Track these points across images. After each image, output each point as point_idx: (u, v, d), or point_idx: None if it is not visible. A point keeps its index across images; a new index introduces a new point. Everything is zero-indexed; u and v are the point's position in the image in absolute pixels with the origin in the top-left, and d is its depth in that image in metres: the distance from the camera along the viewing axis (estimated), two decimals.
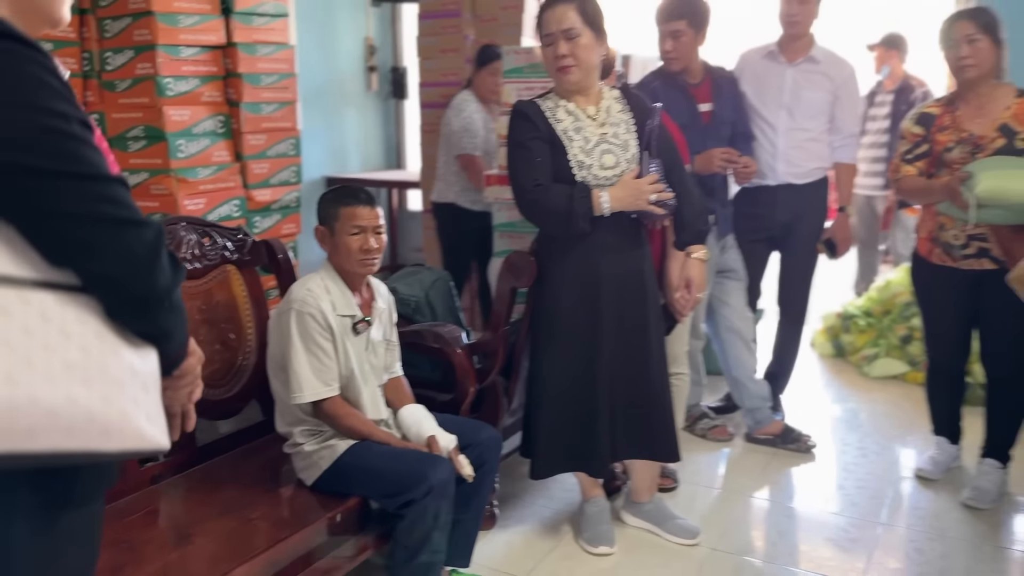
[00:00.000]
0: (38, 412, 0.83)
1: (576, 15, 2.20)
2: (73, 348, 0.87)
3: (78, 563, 1.03)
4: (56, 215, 0.88)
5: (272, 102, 3.33)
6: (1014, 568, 2.44)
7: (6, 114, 0.86)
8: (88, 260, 0.90)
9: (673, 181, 2.32)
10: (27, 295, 0.86)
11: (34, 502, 0.95)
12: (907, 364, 3.92)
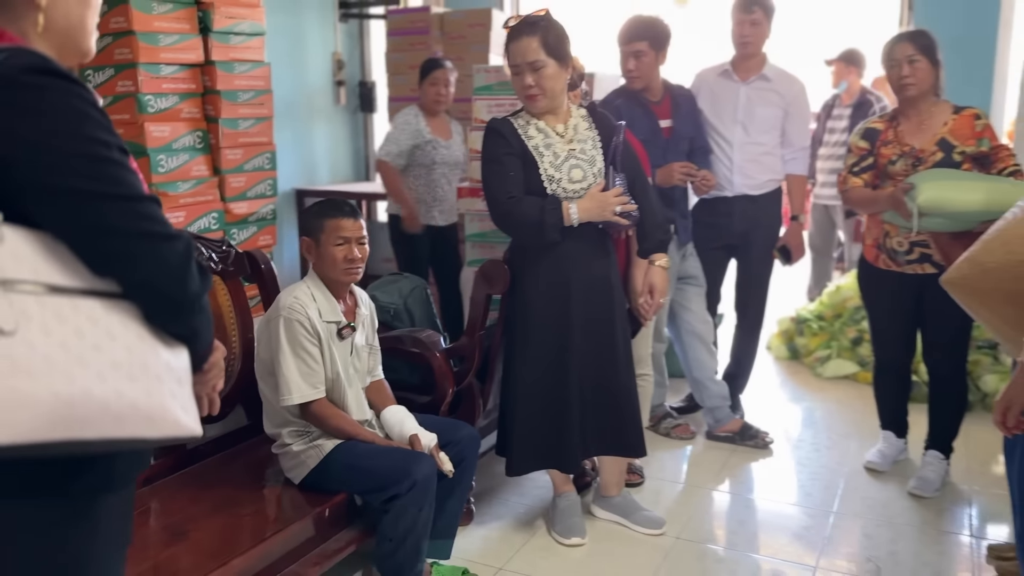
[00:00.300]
0: (92, 405, 0.94)
1: (540, 47, 2.34)
2: (118, 348, 0.99)
3: (116, 541, 1.15)
4: (100, 231, 1.00)
5: (249, 118, 3.44)
6: (956, 550, 2.63)
7: (56, 143, 0.98)
8: (128, 270, 1.02)
9: (636, 194, 2.48)
10: (77, 302, 0.97)
11: (79, 487, 1.06)
12: (857, 364, 4.13)
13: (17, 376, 0.89)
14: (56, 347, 0.92)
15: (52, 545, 1.06)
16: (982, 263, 1.96)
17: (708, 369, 3.40)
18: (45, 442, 0.91)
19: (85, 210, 0.99)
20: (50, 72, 0.99)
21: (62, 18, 1.09)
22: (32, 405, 0.89)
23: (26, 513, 1.03)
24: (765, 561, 2.58)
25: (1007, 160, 2.75)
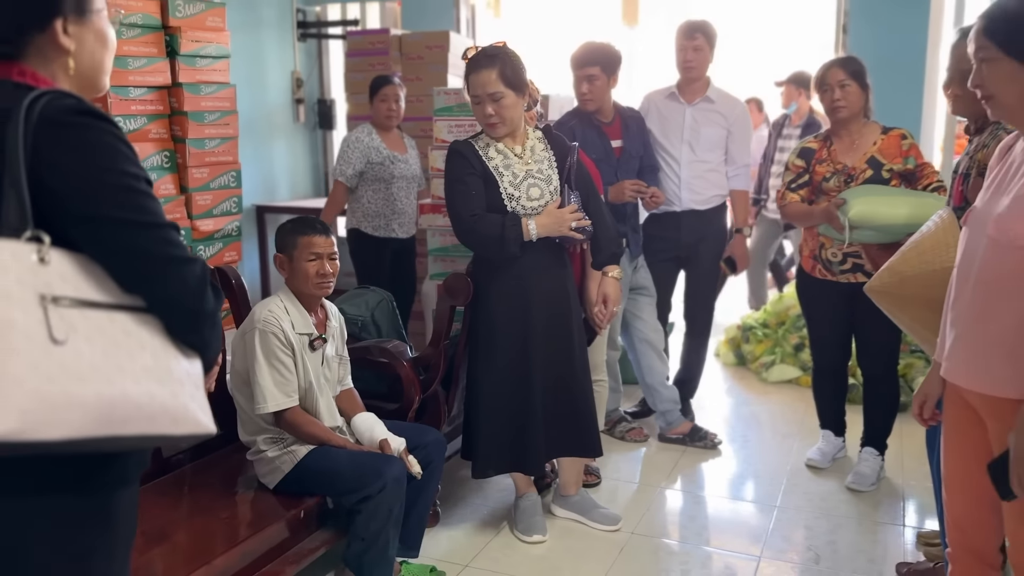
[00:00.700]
0: (129, 405, 1.07)
1: (498, 79, 2.50)
2: (147, 356, 1.11)
3: (127, 532, 1.26)
4: (132, 254, 1.13)
5: (215, 138, 3.54)
6: (889, 539, 2.83)
7: (92, 176, 1.11)
8: (154, 288, 1.14)
9: (590, 210, 2.65)
10: (112, 316, 1.10)
11: (101, 481, 1.19)
12: (800, 369, 4.37)
13: (69, 380, 1.01)
14: (99, 355, 1.05)
15: (75, 535, 1.17)
16: (901, 272, 2.17)
17: (659, 375, 3.58)
18: (92, 438, 1.03)
19: (119, 235, 1.12)
20: (90, 113, 1.12)
21: (87, 61, 1.22)
22: (82, 406, 1.02)
23: (53, 506, 1.15)
24: (714, 552, 2.76)
25: (931, 176, 2.99)
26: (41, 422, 0.97)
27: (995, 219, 1.61)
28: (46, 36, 1.17)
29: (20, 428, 0.96)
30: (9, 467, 1.09)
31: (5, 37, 1.16)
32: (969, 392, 1.71)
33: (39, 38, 1.17)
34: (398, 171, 4.03)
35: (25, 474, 1.12)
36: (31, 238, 1.04)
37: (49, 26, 1.17)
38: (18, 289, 0.99)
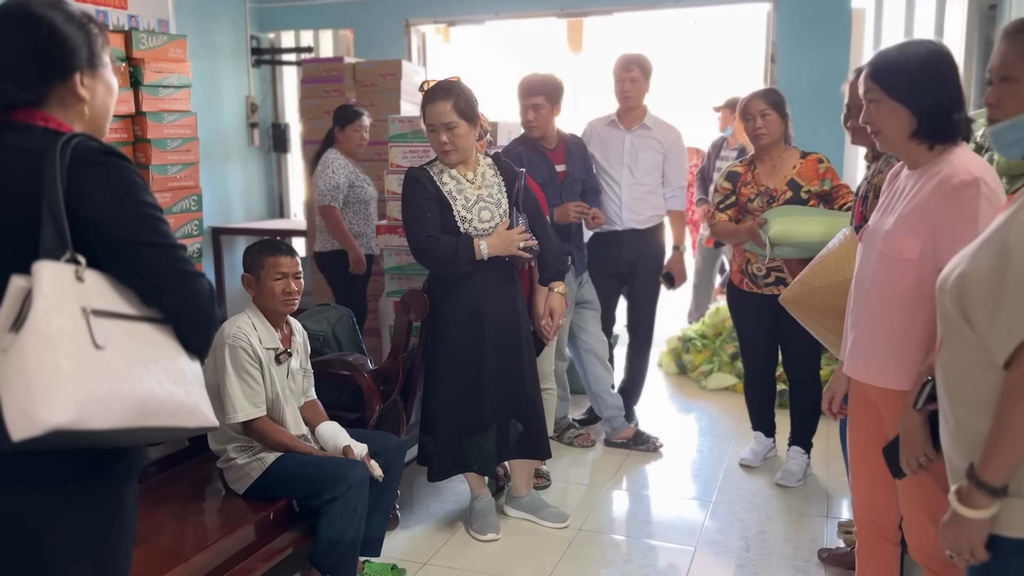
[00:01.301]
0: (156, 401, 1.25)
1: (452, 110, 2.72)
2: (165, 360, 1.30)
3: (133, 517, 1.44)
4: (152, 271, 1.31)
5: (177, 163, 3.69)
6: (814, 529, 3.09)
7: (118, 206, 1.29)
8: (171, 299, 1.33)
9: (537, 231, 2.88)
10: (136, 325, 1.28)
11: (114, 472, 1.36)
12: (736, 377, 4.65)
13: (111, 380, 1.19)
14: (130, 358, 1.23)
15: (93, 519, 1.36)
16: (810, 284, 2.44)
17: (604, 383, 3.81)
18: (128, 428, 1.21)
19: (141, 255, 1.30)
20: (114, 153, 1.32)
21: (98, 107, 1.41)
22: (121, 400, 1.20)
23: (75, 493, 1.33)
24: (655, 544, 2.98)
25: (846, 196, 3.29)
26: (92, 413, 1.16)
27: (883, 236, 1.87)
28: (66, 86, 1.36)
29: (77, 418, 1.14)
30: (42, 459, 1.27)
31: (33, 88, 1.34)
32: (868, 386, 1.96)
33: (60, 88, 1.35)
34: (370, 193, 4.27)
35: (54, 465, 1.29)
36: (69, 259, 1.22)
37: (70, 78, 1.35)
38: (65, 303, 1.18)
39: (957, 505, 1.40)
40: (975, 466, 1.38)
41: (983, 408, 1.37)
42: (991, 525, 1.38)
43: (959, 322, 1.41)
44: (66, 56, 1.35)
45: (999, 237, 1.37)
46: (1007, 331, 1.31)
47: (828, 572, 2.76)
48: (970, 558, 1.41)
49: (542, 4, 5.81)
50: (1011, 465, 1.34)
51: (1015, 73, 1.42)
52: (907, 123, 1.79)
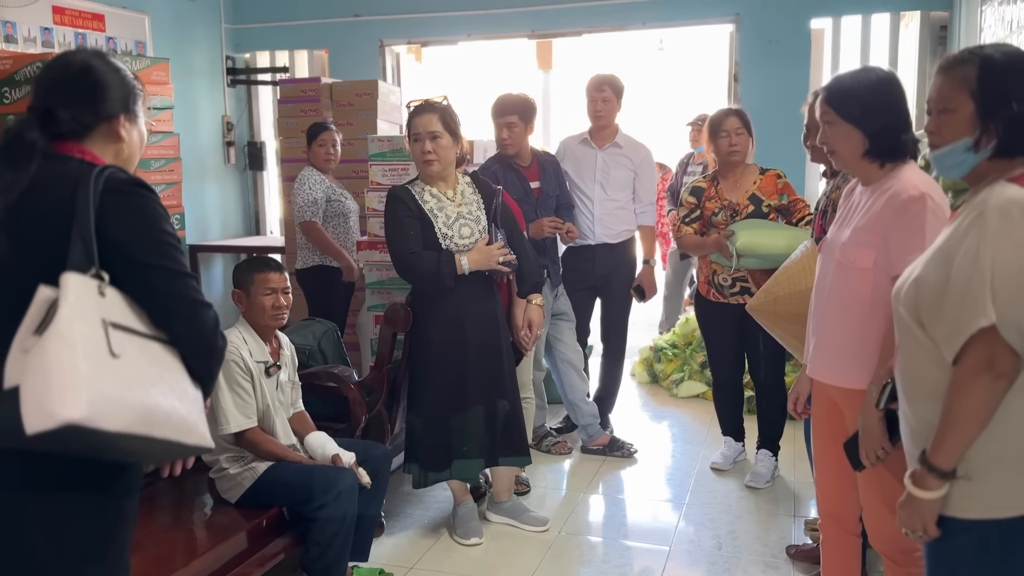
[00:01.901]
0: (161, 413, 1.34)
1: (438, 121, 2.86)
2: (171, 377, 1.39)
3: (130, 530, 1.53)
4: (165, 294, 1.41)
5: (160, 183, 3.77)
6: (782, 527, 3.23)
7: (142, 232, 1.40)
8: (180, 324, 1.43)
9: (514, 245, 3.01)
10: (146, 342, 1.37)
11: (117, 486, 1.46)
12: (706, 384, 4.81)
13: (123, 386, 1.29)
14: (140, 371, 1.33)
15: (99, 528, 1.45)
16: (774, 293, 2.59)
17: (580, 392, 3.94)
18: (134, 434, 1.30)
19: (159, 279, 1.41)
20: (142, 185, 1.43)
21: (133, 150, 1.56)
22: (130, 407, 1.29)
23: (83, 503, 1.43)
24: (631, 545, 3.11)
25: (803, 210, 3.47)
26: (103, 414, 1.25)
27: (840, 247, 2.03)
28: (111, 126, 1.50)
29: (89, 416, 1.23)
30: (54, 467, 1.37)
31: (86, 123, 1.47)
32: (829, 386, 2.11)
33: (105, 126, 1.49)
34: (349, 206, 4.31)
35: (66, 475, 1.39)
36: (94, 275, 1.32)
37: (115, 119, 1.50)
38: (87, 312, 1.28)
39: (911, 487, 1.55)
40: (926, 451, 1.53)
41: (935, 398, 1.52)
42: (941, 505, 1.53)
43: (913, 327, 1.56)
44: (114, 100, 1.50)
45: (944, 250, 1.53)
46: (954, 332, 1.46)
47: (796, 567, 2.90)
48: (923, 534, 1.56)
49: (514, 25, 5.97)
50: (958, 450, 1.49)
51: (952, 105, 1.55)
52: (860, 143, 1.95)
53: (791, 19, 5.42)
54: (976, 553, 1.53)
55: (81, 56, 1.53)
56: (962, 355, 1.46)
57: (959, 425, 1.47)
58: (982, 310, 1.41)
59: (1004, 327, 1.41)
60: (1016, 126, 1.50)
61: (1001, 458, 1.48)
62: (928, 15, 5.39)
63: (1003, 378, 1.44)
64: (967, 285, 1.44)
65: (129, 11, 5.36)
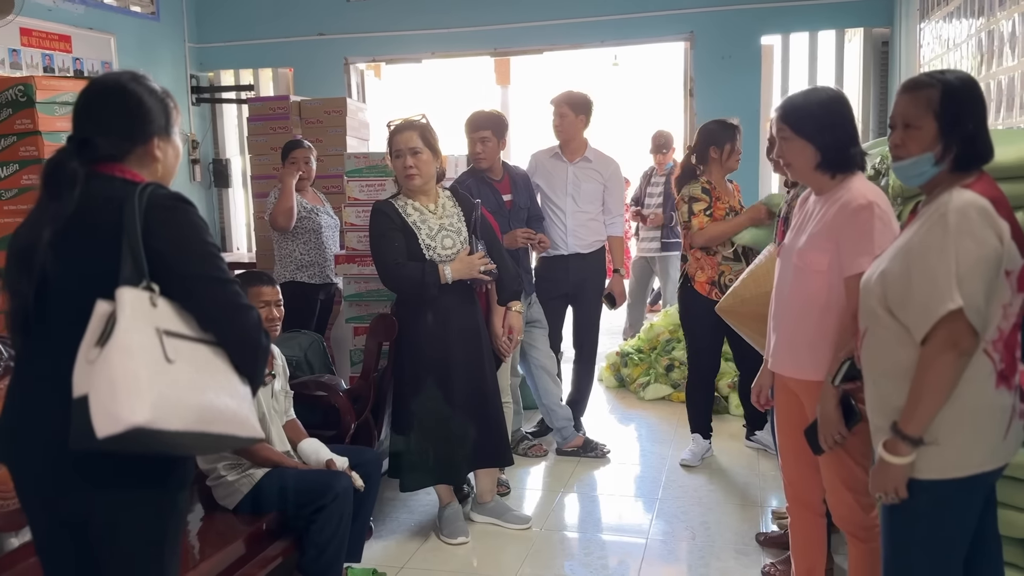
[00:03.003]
0: (215, 410, 1.46)
1: (418, 138, 3.00)
2: (222, 377, 1.51)
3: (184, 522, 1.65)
4: (212, 301, 1.53)
5: None
6: (753, 517, 3.41)
7: (187, 244, 1.52)
8: (226, 327, 1.54)
9: (494, 255, 3.16)
10: (197, 346, 1.49)
11: (173, 480, 1.57)
12: (671, 387, 5.01)
13: (180, 388, 1.41)
14: (194, 373, 1.45)
15: (157, 520, 1.57)
16: (741, 295, 2.79)
17: (554, 396, 4.10)
18: (194, 432, 1.42)
19: (205, 287, 1.53)
20: (183, 200, 1.55)
21: (169, 167, 1.67)
22: (188, 407, 1.41)
23: (144, 497, 1.54)
24: (610, 539, 3.27)
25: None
26: (164, 416, 1.37)
27: (797, 252, 2.22)
28: (146, 148, 1.61)
29: (153, 418, 1.35)
30: (119, 465, 1.48)
31: (119, 146, 1.58)
32: (789, 379, 2.30)
33: (140, 149, 1.60)
34: (323, 221, 4.38)
35: (129, 472, 1.51)
36: (145, 287, 1.44)
37: (149, 141, 1.60)
38: (143, 323, 1.40)
39: (884, 454, 1.75)
40: (898, 422, 1.73)
41: (902, 379, 1.73)
42: (910, 470, 1.72)
43: (882, 313, 1.78)
44: (148, 123, 1.60)
45: (909, 246, 1.75)
46: (924, 315, 1.68)
47: (765, 553, 3.08)
48: (894, 497, 1.75)
49: (476, 43, 6.15)
50: (926, 419, 1.70)
51: (916, 122, 1.77)
52: (812, 157, 2.15)
53: (742, 36, 5.69)
54: (935, 508, 1.74)
55: (116, 80, 1.61)
56: (930, 335, 1.68)
57: (928, 396, 1.69)
58: (949, 295, 1.64)
59: (968, 310, 1.65)
60: (970, 143, 1.74)
61: (960, 424, 1.71)
62: (871, 32, 5.72)
63: (966, 355, 1.68)
64: (935, 275, 1.65)
65: (95, 32, 5.41)
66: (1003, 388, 1.72)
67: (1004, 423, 1.73)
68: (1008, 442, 1.75)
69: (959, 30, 3.68)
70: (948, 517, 1.75)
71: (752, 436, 4.14)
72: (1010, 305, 1.70)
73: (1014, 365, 1.74)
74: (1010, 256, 1.68)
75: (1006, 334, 1.71)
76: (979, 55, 3.31)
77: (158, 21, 6.05)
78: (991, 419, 1.72)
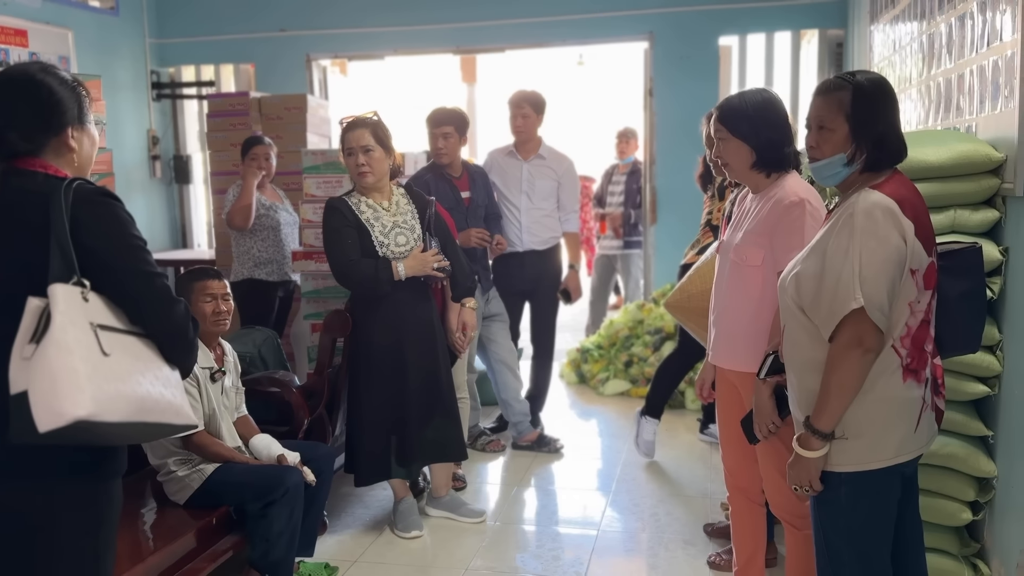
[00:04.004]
0: (151, 400, 1.49)
1: (370, 136, 3.03)
2: (155, 366, 1.54)
3: (119, 512, 1.66)
4: (139, 294, 1.55)
5: None
6: (701, 508, 3.49)
7: (116, 238, 1.53)
8: (154, 319, 1.57)
9: (448, 252, 3.19)
10: (128, 338, 1.51)
11: (106, 469, 1.59)
12: (630, 383, 5.08)
13: (117, 381, 1.43)
14: (129, 365, 1.47)
15: (91, 509, 1.58)
16: (688, 291, 2.85)
17: (514, 391, 4.15)
18: (132, 422, 1.44)
19: (132, 281, 1.55)
20: (109, 194, 1.57)
21: (85, 157, 1.67)
22: (126, 398, 1.43)
23: (77, 486, 1.56)
24: (562, 530, 3.32)
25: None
26: (105, 409, 1.40)
27: (734, 248, 2.29)
28: (60, 139, 1.60)
29: (95, 411, 1.38)
30: (52, 455, 1.50)
31: (33, 139, 1.58)
32: (728, 371, 2.37)
33: (55, 140, 1.60)
34: (282, 219, 4.35)
35: (63, 462, 1.53)
36: (76, 282, 1.45)
37: (63, 132, 1.60)
38: (77, 318, 1.41)
39: (798, 448, 1.82)
40: (810, 417, 1.79)
41: (815, 372, 1.79)
42: (823, 463, 1.79)
43: (796, 311, 1.83)
44: (61, 113, 1.59)
45: (820, 246, 1.80)
46: (830, 314, 1.74)
47: (713, 543, 3.16)
48: (809, 489, 1.82)
49: (438, 41, 6.16)
50: (836, 415, 1.77)
51: (830, 124, 1.82)
52: (748, 156, 2.21)
53: (700, 37, 5.77)
54: (855, 499, 1.81)
55: (24, 72, 1.60)
56: (836, 334, 1.74)
57: (836, 393, 1.75)
58: (852, 295, 1.70)
59: (871, 309, 1.70)
60: (880, 144, 1.79)
61: (870, 418, 1.77)
62: (825, 33, 5.82)
63: (871, 352, 1.73)
64: (840, 275, 1.72)
65: (52, 26, 5.34)
66: (911, 381, 1.78)
67: (914, 415, 1.80)
68: (919, 434, 1.82)
69: (904, 33, 3.78)
70: (866, 507, 1.81)
71: (706, 430, 4.22)
72: (917, 302, 1.76)
73: (923, 359, 1.80)
74: (915, 255, 1.73)
75: (914, 330, 1.77)
76: (921, 58, 3.41)
77: (117, 16, 5.99)
78: (900, 412, 1.79)
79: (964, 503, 2.50)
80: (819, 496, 1.84)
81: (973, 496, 2.48)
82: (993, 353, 2.43)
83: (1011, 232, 2.42)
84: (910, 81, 3.62)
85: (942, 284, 1.84)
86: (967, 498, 2.48)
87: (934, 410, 1.87)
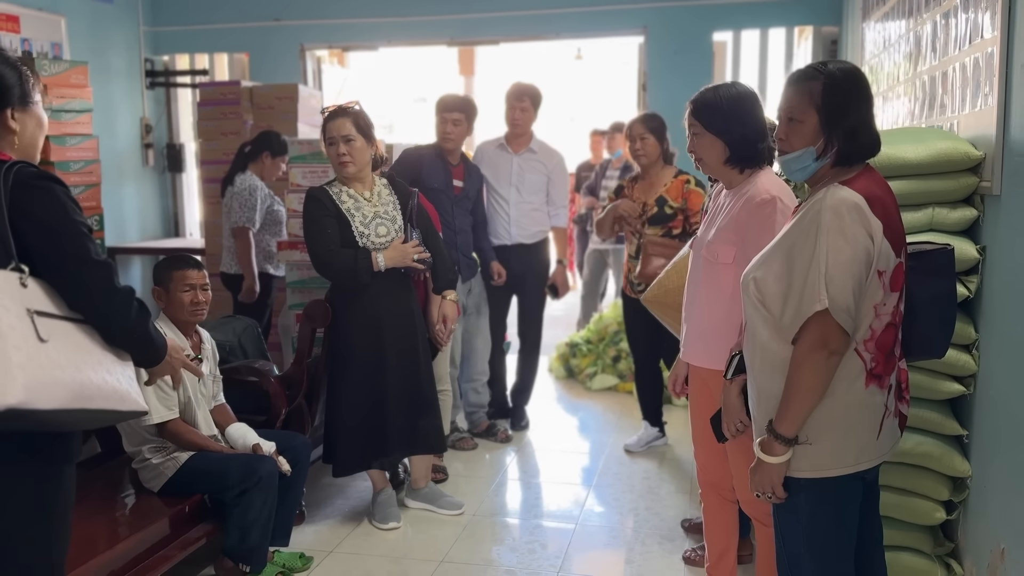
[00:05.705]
0: (92, 387, 1.48)
1: (352, 125, 3.01)
2: (97, 353, 1.53)
3: (71, 497, 1.66)
4: (77, 281, 1.54)
5: (79, 185, 3.81)
6: (679, 504, 3.48)
7: (54, 223, 1.52)
8: (90, 306, 1.56)
9: (429, 244, 3.18)
10: (68, 324, 1.51)
11: (57, 454, 1.58)
12: (617, 377, 5.07)
13: (54, 368, 1.42)
14: (69, 351, 1.46)
15: (40, 492, 1.58)
16: (665, 286, 2.84)
17: (479, 380, 4.17)
18: (70, 409, 1.44)
19: (70, 267, 1.54)
20: (48, 178, 1.55)
21: (27, 139, 1.64)
22: (63, 385, 1.43)
23: (25, 471, 1.55)
24: (542, 524, 3.32)
25: (693, 216, 3.70)
26: (39, 397, 1.39)
27: (707, 245, 2.28)
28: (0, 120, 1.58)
29: (26, 399, 1.37)
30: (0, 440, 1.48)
31: None
32: (700, 368, 2.36)
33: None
34: (282, 215, 4.37)
35: (10, 447, 1.52)
36: (14, 268, 1.45)
37: (2, 113, 1.58)
38: (12, 304, 1.41)
39: (760, 453, 1.78)
40: (772, 421, 1.76)
41: (778, 374, 1.76)
42: (786, 469, 1.76)
43: (760, 309, 1.79)
44: (1, 94, 1.57)
45: (785, 242, 1.77)
46: (795, 315, 1.71)
47: (689, 539, 3.15)
48: (772, 496, 1.79)
49: (433, 32, 6.14)
50: (800, 419, 1.73)
51: (799, 116, 1.76)
52: (722, 152, 2.20)
53: (695, 32, 5.75)
54: (814, 506, 1.78)
55: None
56: (801, 335, 1.70)
57: (799, 397, 1.71)
58: (817, 296, 1.66)
59: (836, 310, 1.66)
60: (852, 137, 1.74)
61: (832, 425, 1.74)
62: (820, 30, 5.80)
63: (836, 355, 1.69)
64: (806, 274, 1.68)
65: (45, 13, 5.33)
66: (874, 387, 1.73)
67: (876, 422, 1.76)
68: (881, 441, 1.78)
69: (893, 30, 3.76)
70: (827, 513, 1.77)
71: None
72: (883, 305, 1.71)
73: (887, 364, 1.75)
74: (883, 255, 1.68)
75: (878, 334, 1.71)
76: (908, 55, 3.39)
77: (111, 3, 5.97)
78: (862, 418, 1.74)
79: (938, 502, 2.49)
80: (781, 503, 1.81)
81: (947, 495, 2.47)
82: (969, 352, 2.42)
83: (989, 231, 2.40)
84: (898, 78, 3.60)
85: (911, 286, 1.80)
86: (941, 497, 2.48)
87: (897, 416, 1.83)
